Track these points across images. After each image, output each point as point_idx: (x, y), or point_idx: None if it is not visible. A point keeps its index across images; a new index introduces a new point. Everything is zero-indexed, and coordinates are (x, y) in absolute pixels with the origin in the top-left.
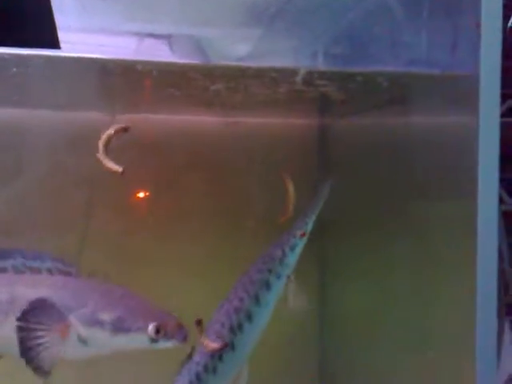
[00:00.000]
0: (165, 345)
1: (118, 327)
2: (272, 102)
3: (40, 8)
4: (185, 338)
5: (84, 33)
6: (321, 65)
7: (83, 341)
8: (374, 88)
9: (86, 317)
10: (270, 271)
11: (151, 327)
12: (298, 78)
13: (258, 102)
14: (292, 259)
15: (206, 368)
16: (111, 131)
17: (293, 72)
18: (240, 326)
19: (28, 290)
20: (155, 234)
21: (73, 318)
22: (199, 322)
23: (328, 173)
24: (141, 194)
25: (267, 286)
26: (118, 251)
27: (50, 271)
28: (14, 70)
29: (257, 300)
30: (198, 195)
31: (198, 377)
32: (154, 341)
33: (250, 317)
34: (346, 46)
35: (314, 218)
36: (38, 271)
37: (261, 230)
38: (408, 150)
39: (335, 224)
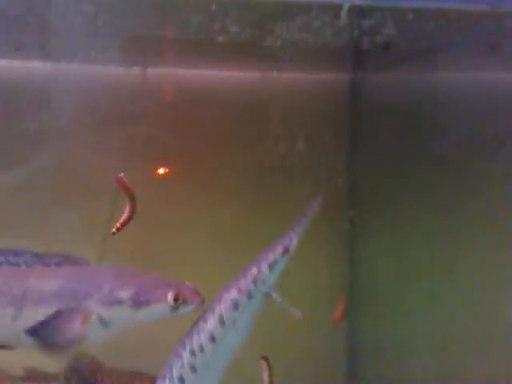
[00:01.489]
0: (185, 310)
1: (138, 302)
2: (305, 55)
3: None
4: (202, 302)
5: None
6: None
7: (105, 323)
8: (421, 29)
9: (103, 299)
10: (239, 290)
11: (170, 295)
12: (343, 13)
13: (291, 56)
14: (270, 278)
15: None
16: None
17: (337, 7)
18: (201, 348)
19: (39, 282)
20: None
21: (91, 303)
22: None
23: (359, 130)
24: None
25: (235, 305)
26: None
27: (58, 265)
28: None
29: (221, 321)
30: (232, 152)
31: None
32: (174, 309)
33: (213, 338)
34: None
35: (301, 233)
36: (48, 265)
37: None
38: (450, 106)
39: (366, 190)
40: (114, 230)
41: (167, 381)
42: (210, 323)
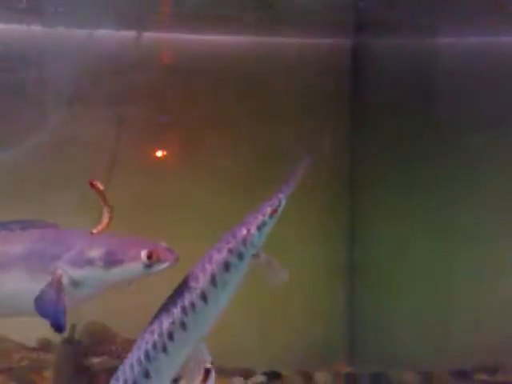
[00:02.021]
0: (158, 269)
1: (110, 261)
2: (306, 19)
3: None
4: (176, 260)
5: None
6: None
7: (76, 284)
8: None
9: (74, 259)
10: (230, 251)
11: (143, 253)
12: None
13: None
14: (258, 239)
15: (154, 346)
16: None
17: None
18: (193, 306)
19: (4, 245)
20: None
21: (60, 264)
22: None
23: (360, 96)
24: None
25: (226, 266)
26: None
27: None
28: None
29: (213, 280)
30: (233, 116)
31: (146, 354)
32: (148, 266)
33: (204, 297)
34: None
35: (288, 194)
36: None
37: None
38: (457, 74)
39: (367, 166)
40: (94, 231)
41: (156, 336)
42: (202, 283)
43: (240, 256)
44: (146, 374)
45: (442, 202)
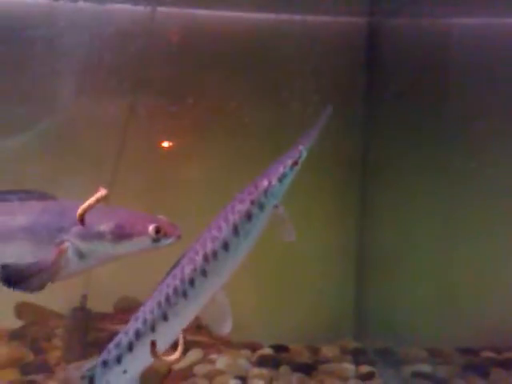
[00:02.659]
0: (165, 243)
1: (120, 235)
2: None
3: None
4: (180, 235)
5: None
6: None
7: (83, 255)
8: None
9: (83, 232)
10: (252, 202)
11: (151, 228)
12: None
13: None
14: (279, 190)
15: (175, 291)
16: (93, 200)
17: None
18: (215, 254)
19: (6, 217)
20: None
21: (67, 237)
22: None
23: (374, 80)
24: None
25: (248, 216)
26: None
27: (21, 200)
28: None
29: (235, 230)
30: (244, 95)
31: (167, 298)
32: (155, 241)
33: (226, 246)
34: None
35: (309, 146)
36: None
37: None
38: (473, 54)
39: (378, 150)
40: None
41: (178, 281)
42: (225, 232)
43: (261, 206)
44: (165, 317)
45: (452, 189)
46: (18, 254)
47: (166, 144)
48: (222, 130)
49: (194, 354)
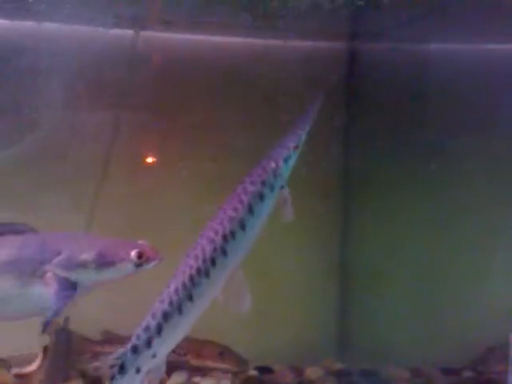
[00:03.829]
0: (147, 267)
1: (103, 263)
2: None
3: None
4: (161, 258)
5: None
6: None
7: None
8: None
9: (65, 263)
10: (263, 183)
11: (133, 254)
12: None
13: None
14: (285, 171)
15: (198, 271)
16: None
17: None
18: (233, 234)
19: None
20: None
21: (50, 267)
22: None
23: (355, 100)
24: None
25: (261, 196)
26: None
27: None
28: None
29: (250, 210)
30: (229, 118)
31: (191, 279)
32: (138, 266)
33: (243, 225)
34: None
35: (306, 130)
36: None
37: None
38: (446, 79)
39: (361, 169)
40: None
41: (200, 262)
42: (241, 212)
43: (271, 187)
44: (190, 298)
45: (432, 202)
46: (1, 287)
47: (150, 160)
48: (206, 152)
49: (178, 377)
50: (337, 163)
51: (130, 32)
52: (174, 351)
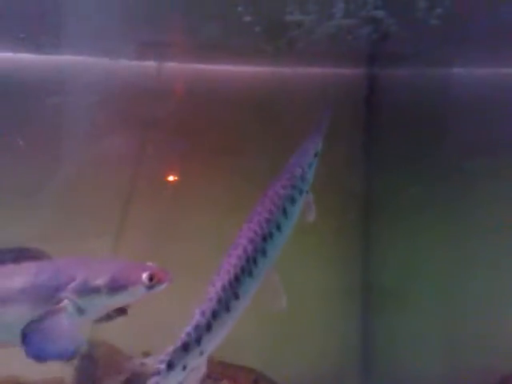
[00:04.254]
0: (159, 289)
1: (115, 287)
2: (323, 51)
3: None
4: (171, 279)
5: None
6: None
7: (82, 311)
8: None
9: (80, 289)
10: (293, 187)
11: (145, 277)
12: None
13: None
14: (310, 176)
15: (242, 270)
16: None
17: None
18: (271, 235)
19: (4, 279)
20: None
21: (65, 294)
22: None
23: (375, 124)
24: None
25: (292, 200)
26: None
27: (15, 261)
28: None
29: (284, 212)
30: (249, 145)
31: (236, 277)
32: (150, 288)
33: (278, 227)
34: None
35: (322, 139)
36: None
37: None
38: (465, 103)
39: (382, 193)
40: None
41: (244, 261)
42: (276, 214)
43: (300, 191)
44: (236, 296)
45: (455, 224)
46: (17, 315)
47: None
48: (223, 178)
49: None
50: (358, 185)
51: (152, 63)
52: (210, 376)
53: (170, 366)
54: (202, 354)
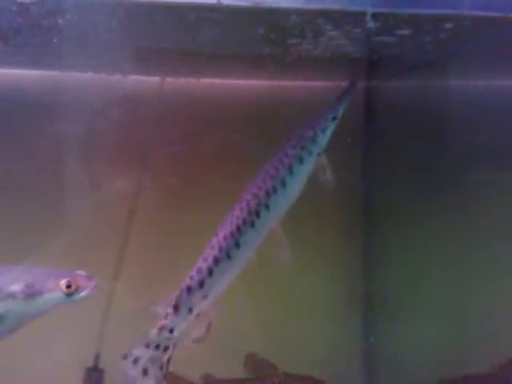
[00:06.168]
0: (79, 297)
1: (30, 293)
2: (319, 63)
3: None
4: (96, 287)
5: None
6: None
7: (1, 318)
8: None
9: None
10: (302, 147)
11: (62, 284)
12: (368, 19)
13: (305, 63)
14: (323, 139)
15: (244, 222)
16: None
17: (361, 14)
18: (274, 190)
19: None
20: None
21: None
22: None
23: (374, 136)
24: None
25: (300, 159)
26: None
27: None
28: None
29: (290, 170)
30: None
31: (238, 228)
32: (69, 295)
33: (283, 183)
34: None
35: (344, 105)
36: None
37: None
38: (467, 113)
39: (381, 201)
40: None
41: (246, 214)
42: (281, 171)
43: (309, 152)
44: (237, 245)
45: (456, 233)
46: None
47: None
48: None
49: None
50: (357, 194)
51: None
52: None
53: (176, 308)
54: (205, 297)
